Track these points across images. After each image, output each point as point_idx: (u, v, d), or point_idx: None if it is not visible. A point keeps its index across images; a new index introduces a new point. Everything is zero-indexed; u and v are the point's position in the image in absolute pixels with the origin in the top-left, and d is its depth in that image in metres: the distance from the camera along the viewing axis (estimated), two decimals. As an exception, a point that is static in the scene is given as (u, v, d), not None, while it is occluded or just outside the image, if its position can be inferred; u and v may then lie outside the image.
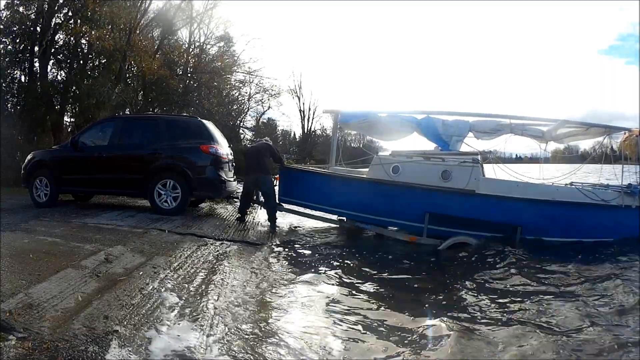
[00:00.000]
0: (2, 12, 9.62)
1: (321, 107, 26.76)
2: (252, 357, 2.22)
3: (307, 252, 4.86)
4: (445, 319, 2.79)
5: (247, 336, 2.46)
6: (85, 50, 11.03)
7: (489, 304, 3.21)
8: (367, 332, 2.69)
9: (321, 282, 3.70)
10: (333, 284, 3.67)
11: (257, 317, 2.77)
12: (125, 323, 2.35)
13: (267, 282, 3.57)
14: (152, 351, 2.13)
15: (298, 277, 3.79)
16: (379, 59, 55.18)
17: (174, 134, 6.01)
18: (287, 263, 4.29)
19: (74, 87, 10.12)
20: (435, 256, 4.87)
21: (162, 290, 2.96)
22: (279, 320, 2.77)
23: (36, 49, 10.11)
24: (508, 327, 2.73)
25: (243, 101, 18.96)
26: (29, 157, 6.62)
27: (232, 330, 2.51)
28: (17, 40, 10.02)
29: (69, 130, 10.99)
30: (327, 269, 4.15)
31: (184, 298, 2.87)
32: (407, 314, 3.00)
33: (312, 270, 4.08)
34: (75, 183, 6.23)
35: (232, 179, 6.40)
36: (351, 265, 4.35)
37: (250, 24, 41.17)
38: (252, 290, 3.31)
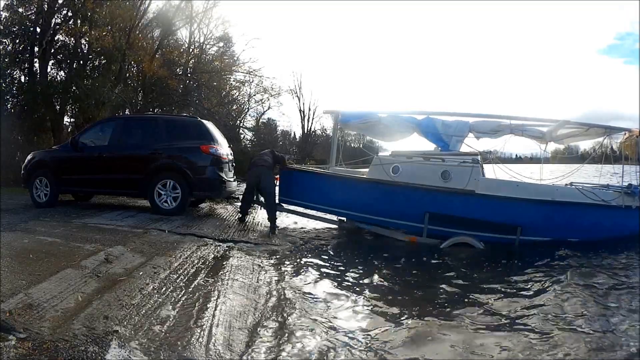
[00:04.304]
0: (2, 12, 9.64)
1: (321, 107, 26.88)
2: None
3: (307, 252, 4.85)
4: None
5: (247, 337, 2.46)
6: (85, 51, 11.04)
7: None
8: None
9: (321, 282, 3.71)
10: (332, 285, 3.67)
11: (257, 317, 2.77)
12: (125, 323, 2.35)
13: (266, 282, 3.57)
14: (152, 351, 2.12)
15: (297, 278, 3.79)
16: (380, 59, 55.35)
17: (174, 134, 6.02)
18: (286, 263, 4.29)
19: (74, 87, 10.11)
20: (435, 256, 4.87)
21: (162, 290, 2.95)
22: (277, 320, 2.77)
23: (36, 49, 10.12)
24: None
25: (243, 101, 19.00)
26: (29, 157, 6.62)
27: (233, 331, 2.51)
28: (17, 41, 10.03)
29: (69, 130, 11.00)
30: (326, 269, 4.16)
31: (183, 298, 2.87)
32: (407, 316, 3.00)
33: (312, 270, 4.08)
34: (75, 183, 6.24)
35: (232, 179, 6.40)
36: (351, 266, 4.34)
37: (250, 24, 41.38)
38: (252, 291, 3.30)
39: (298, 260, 4.44)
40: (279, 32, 41.42)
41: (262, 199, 6.09)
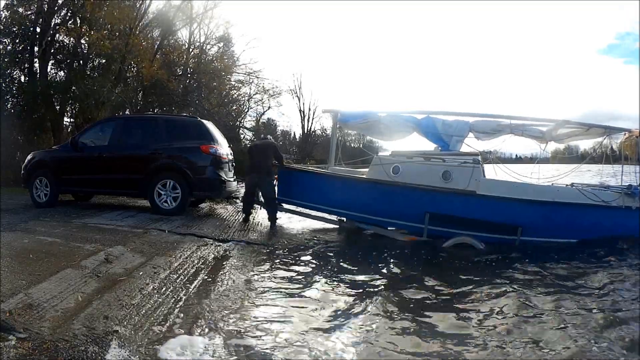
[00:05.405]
0: (2, 12, 9.64)
1: (321, 107, 26.81)
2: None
3: (307, 252, 4.84)
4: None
5: (246, 336, 2.46)
6: (85, 51, 11.04)
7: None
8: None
9: (321, 282, 3.70)
10: (332, 285, 3.66)
11: (256, 317, 2.77)
12: (125, 323, 2.35)
13: (266, 282, 3.57)
14: (153, 351, 2.12)
15: (297, 278, 3.79)
16: (379, 59, 55.32)
17: (174, 134, 6.02)
18: (286, 263, 4.28)
19: (73, 87, 10.12)
20: (436, 256, 4.86)
21: (162, 290, 2.95)
22: (276, 320, 2.76)
23: (36, 49, 10.11)
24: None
25: (243, 101, 18.97)
26: (29, 157, 6.63)
27: (230, 331, 2.51)
28: (17, 41, 10.04)
29: (69, 130, 11.00)
30: (326, 269, 4.15)
31: (183, 299, 2.87)
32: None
33: (312, 270, 4.07)
34: (75, 183, 6.24)
35: (232, 179, 6.41)
36: (352, 266, 4.33)
37: (250, 24, 41.30)
38: (252, 290, 3.30)
39: (298, 260, 4.43)
40: (279, 33, 41.36)
41: (262, 199, 6.09)
